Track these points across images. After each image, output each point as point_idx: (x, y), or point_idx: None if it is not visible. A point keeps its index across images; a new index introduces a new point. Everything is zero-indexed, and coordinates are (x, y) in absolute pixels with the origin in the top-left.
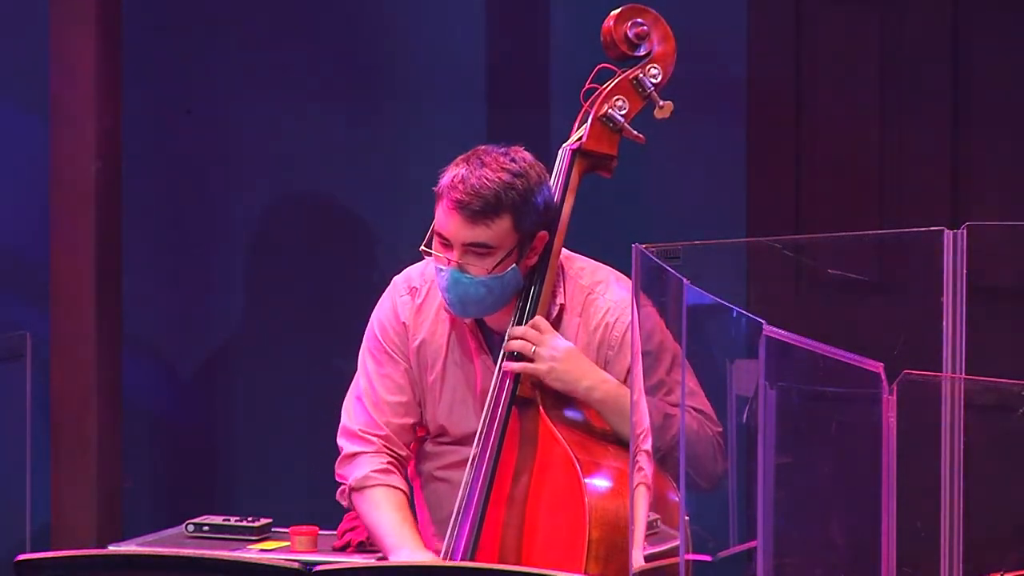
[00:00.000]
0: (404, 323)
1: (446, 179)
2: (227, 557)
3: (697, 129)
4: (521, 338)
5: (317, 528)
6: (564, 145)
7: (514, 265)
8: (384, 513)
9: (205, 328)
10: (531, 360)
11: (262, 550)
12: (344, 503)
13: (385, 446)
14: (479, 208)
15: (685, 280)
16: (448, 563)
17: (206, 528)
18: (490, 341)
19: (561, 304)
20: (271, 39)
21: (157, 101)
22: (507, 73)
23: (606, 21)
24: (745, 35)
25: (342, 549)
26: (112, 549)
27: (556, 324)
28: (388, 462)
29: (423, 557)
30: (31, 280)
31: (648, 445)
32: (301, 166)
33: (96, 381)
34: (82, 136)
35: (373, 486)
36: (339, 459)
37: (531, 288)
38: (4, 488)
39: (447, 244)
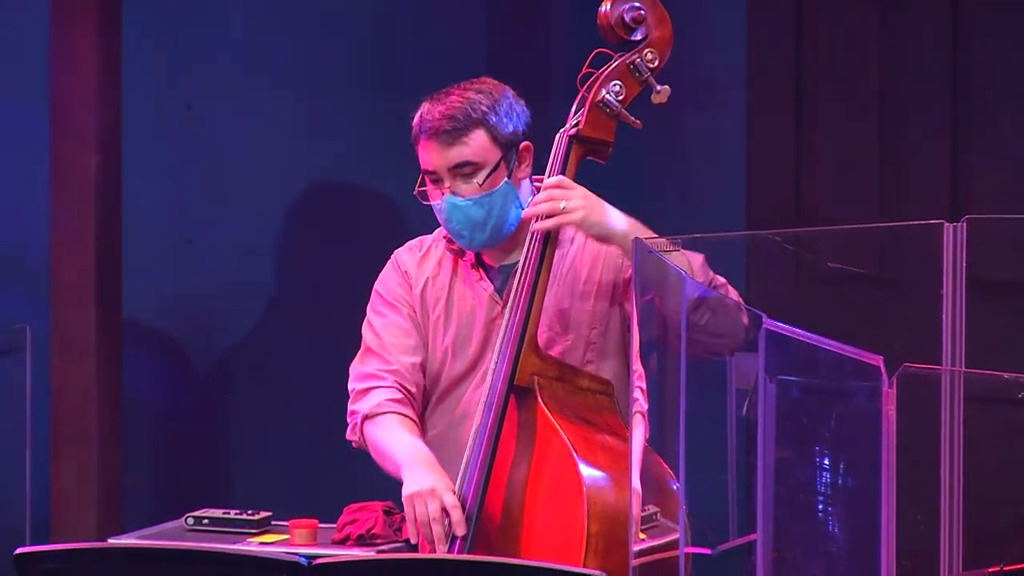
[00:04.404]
0: (406, 271)
1: (417, 118)
2: (227, 550)
3: (697, 121)
4: (546, 200)
5: (317, 521)
6: (561, 131)
7: (506, 179)
8: (397, 434)
9: (205, 321)
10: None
11: (262, 543)
12: (354, 439)
13: (397, 382)
14: (451, 128)
15: (685, 273)
16: (446, 556)
17: (206, 521)
18: (491, 275)
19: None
20: (272, 34)
21: (157, 95)
22: (508, 64)
23: (602, 5)
24: (745, 25)
25: (342, 542)
26: (112, 542)
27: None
28: (402, 397)
29: (437, 478)
30: (31, 273)
31: (643, 383)
32: (301, 161)
33: (96, 374)
34: (82, 130)
35: (386, 413)
36: (351, 398)
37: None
38: (4, 481)
39: (436, 179)
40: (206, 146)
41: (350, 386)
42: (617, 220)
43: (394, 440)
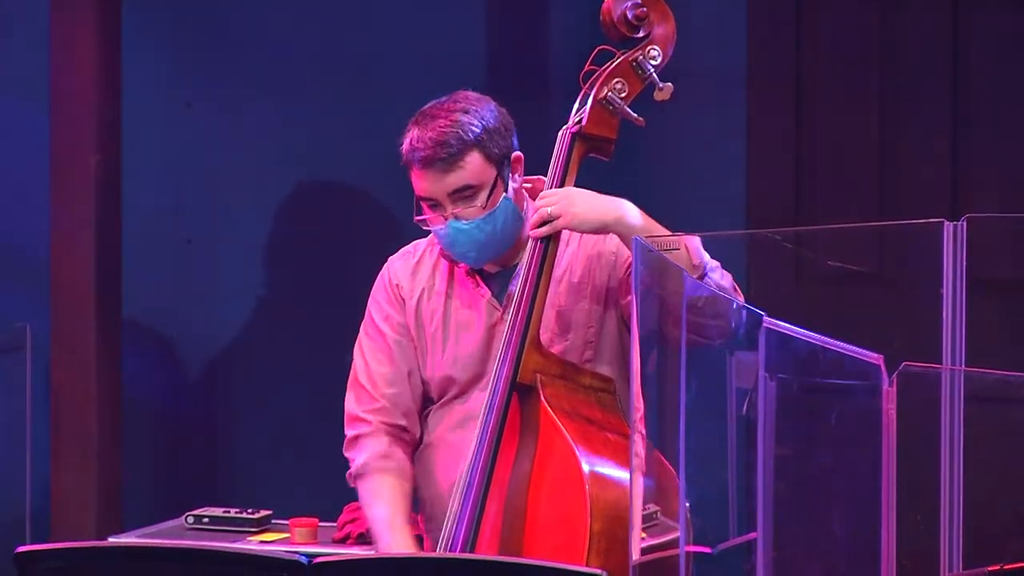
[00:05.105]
0: (397, 284)
1: (406, 146)
2: (227, 549)
3: (697, 121)
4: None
5: (317, 520)
6: (563, 128)
7: (504, 195)
8: (378, 507)
9: (205, 320)
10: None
11: (262, 542)
12: (354, 486)
13: (383, 422)
14: (446, 155)
15: (685, 271)
16: (447, 555)
17: (206, 520)
18: (488, 281)
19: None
20: (271, 33)
21: (157, 95)
22: (507, 64)
23: (605, 2)
24: (745, 23)
25: (342, 541)
26: (112, 541)
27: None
28: (388, 443)
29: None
30: (31, 273)
31: (644, 428)
32: (301, 161)
33: (96, 373)
34: (82, 129)
35: (371, 473)
36: (344, 442)
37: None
38: (4, 480)
39: (435, 205)
40: (206, 145)
41: (345, 429)
42: (608, 207)
43: (375, 514)
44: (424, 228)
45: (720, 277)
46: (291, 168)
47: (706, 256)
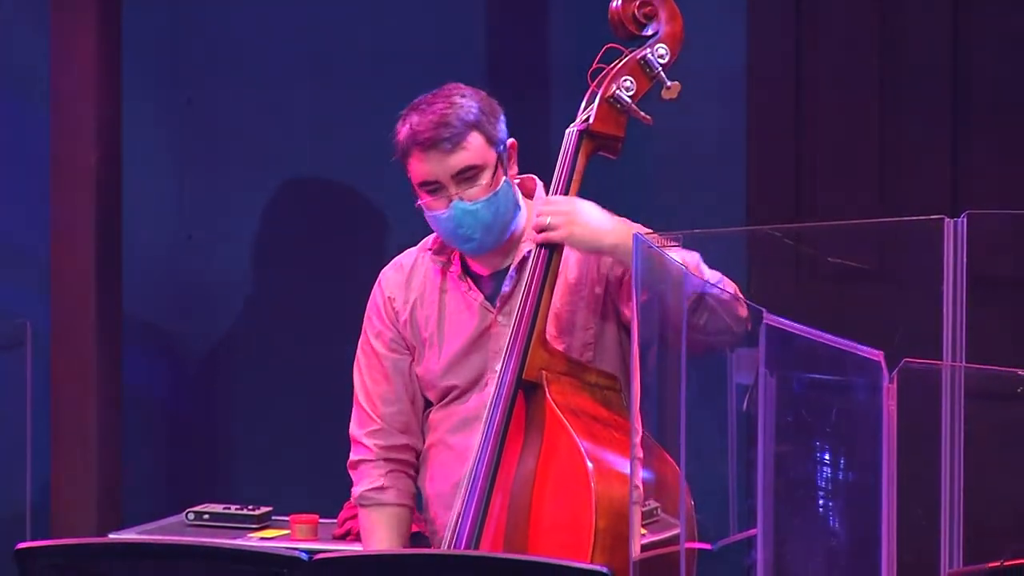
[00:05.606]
0: (390, 297)
1: (404, 134)
2: (227, 545)
3: (697, 116)
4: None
5: (317, 516)
6: (570, 126)
7: (504, 179)
8: (373, 544)
9: (205, 316)
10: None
11: (262, 538)
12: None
13: (381, 447)
14: (450, 135)
15: (686, 268)
16: (450, 552)
17: (206, 516)
18: (480, 284)
19: None
20: (271, 29)
21: (157, 91)
22: (507, 64)
23: (613, 0)
24: (745, 20)
25: (342, 537)
26: (112, 537)
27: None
28: (386, 474)
29: None
30: (32, 269)
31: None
32: (301, 158)
33: (96, 369)
34: (82, 125)
35: (367, 507)
36: (348, 461)
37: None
38: (5, 476)
39: (436, 188)
40: (206, 142)
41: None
42: (606, 230)
43: (368, 547)
44: (427, 212)
45: (721, 291)
46: (291, 166)
47: (707, 272)
